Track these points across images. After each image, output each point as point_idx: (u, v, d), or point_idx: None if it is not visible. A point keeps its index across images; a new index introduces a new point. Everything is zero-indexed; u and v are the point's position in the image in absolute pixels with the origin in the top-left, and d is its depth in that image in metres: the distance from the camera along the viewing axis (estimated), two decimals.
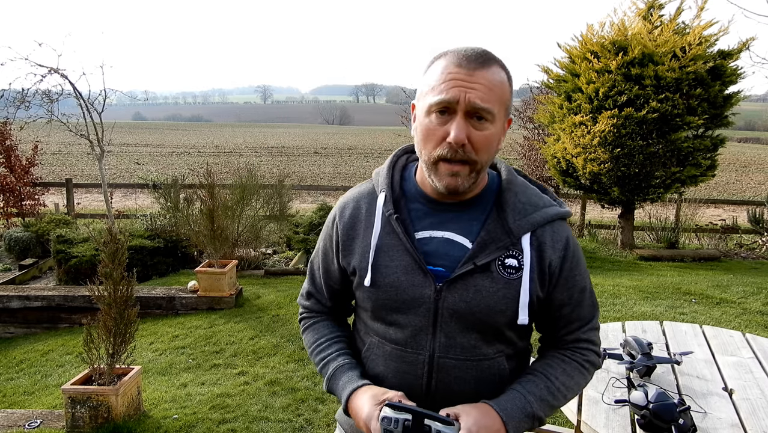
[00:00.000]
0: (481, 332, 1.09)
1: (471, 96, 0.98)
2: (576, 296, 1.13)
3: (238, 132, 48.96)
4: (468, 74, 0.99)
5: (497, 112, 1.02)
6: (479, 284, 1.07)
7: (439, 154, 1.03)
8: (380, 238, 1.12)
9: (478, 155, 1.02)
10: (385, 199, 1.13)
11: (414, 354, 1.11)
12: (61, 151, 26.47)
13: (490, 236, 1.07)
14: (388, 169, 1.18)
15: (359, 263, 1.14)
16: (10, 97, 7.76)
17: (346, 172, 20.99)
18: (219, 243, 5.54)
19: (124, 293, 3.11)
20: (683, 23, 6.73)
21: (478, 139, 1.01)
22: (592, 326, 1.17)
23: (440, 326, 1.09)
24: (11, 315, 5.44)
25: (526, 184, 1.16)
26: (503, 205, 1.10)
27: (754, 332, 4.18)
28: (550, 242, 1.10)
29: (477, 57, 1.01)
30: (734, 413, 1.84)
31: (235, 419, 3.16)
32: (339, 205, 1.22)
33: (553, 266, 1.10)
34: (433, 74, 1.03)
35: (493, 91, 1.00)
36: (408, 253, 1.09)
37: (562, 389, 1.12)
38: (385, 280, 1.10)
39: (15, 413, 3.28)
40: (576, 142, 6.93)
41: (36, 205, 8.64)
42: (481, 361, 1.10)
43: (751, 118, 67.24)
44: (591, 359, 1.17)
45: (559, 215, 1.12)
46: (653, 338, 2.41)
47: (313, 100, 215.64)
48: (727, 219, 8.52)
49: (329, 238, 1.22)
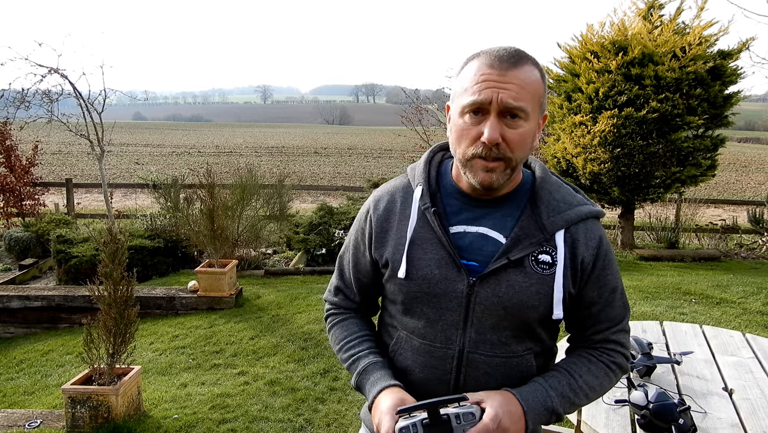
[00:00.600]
0: (511, 328, 1.10)
1: (503, 96, 1.00)
2: (606, 295, 1.13)
3: (238, 132, 48.96)
4: (500, 74, 1.00)
5: (531, 110, 1.03)
6: (512, 279, 1.07)
7: (473, 153, 1.04)
8: (415, 231, 1.12)
9: (513, 153, 1.03)
10: (422, 193, 1.14)
11: (443, 349, 1.11)
12: (61, 151, 26.47)
13: (523, 231, 1.08)
14: (425, 164, 1.19)
15: (392, 254, 1.14)
16: (10, 97, 7.76)
17: (346, 172, 20.98)
18: (219, 243, 5.54)
19: (124, 293, 3.11)
20: (683, 23, 6.73)
21: (512, 137, 1.02)
22: (622, 328, 1.17)
23: (471, 321, 1.09)
24: (11, 315, 5.44)
25: (559, 182, 1.17)
26: (537, 202, 1.10)
27: (754, 332, 4.18)
28: (584, 239, 1.11)
29: (509, 57, 1.02)
30: (734, 413, 1.84)
31: (235, 419, 3.16)
32: (373, 198, 1.23)
33: (585, 264, 1.10)
34: (467, 76, 1.04)
35: (525, 90, 1.01)
36: (442, 246, 1.10)
37: (585, 388, 1.11)
38: (418, 272, 1.10)
39: (15, 413, 3.28)
40: (576, 142, 6.93)
41: (36, 205, 8.64)
42: (510, 358, 1.11)
43: (751, 118, 67.22)
44: (618, 361, 1.16)
45: (592, 214, 1.13)
46: (653, 338, 2.41)
47: (313, 100, 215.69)
48: (727, 219, 8.52)
49: (361, 231, 1.22)
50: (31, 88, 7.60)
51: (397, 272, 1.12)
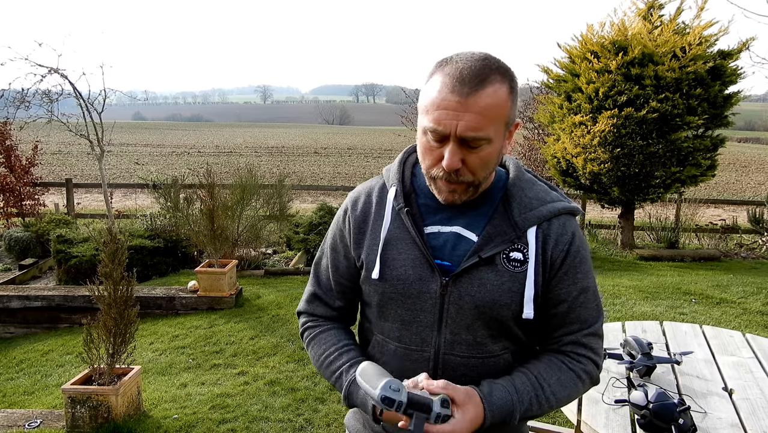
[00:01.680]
0: (486, 328, 1.08)
1: (462, 127, 0.97)
2: (576, 294, 1.10)
3: (238, 132, 48.96)
4: (460, 102, 0.96)
5: (494, 134, 1.00)
6: (484, 277, 1.06)
7: (435, 175, 1.04)
8: (389, 231, 1.12)
9: (475, 175, 1.03)
10: (395, 193, 1.13)
11: (419, 351, 1.10)
12: (61, 151, 26.47)
13: (495, 229, 1.08)
14: (399, 165, 1.18)
15: (367, 255, 1.14)
16: (10, 97, 7.77)
17: (346, 172, 20.99)
18: (219, 243, 5.54)
19: (124, 293, 3.11)
20: (683, 23, 6.73)
21: (473, 161, 1.01)
22: (594, 331, 1.13)
23: (446, 321, 1.08)
24: (11, 315, 5.44)
25: (533, 180, 1.16)
26: (510, 200, 1.10)
27: (754, 332, 4.18)
28: (555, 235, 1.09)
29: (471, 79, 0.97)
30: (734, 413, 1.84)
31: (235, 419, 3.16)
32: (351, 198, 1.22)
33: (555, 260, 1.09)
34: (430, 93, 1.01)
35: (487, 117, 0.98)
36: (416, 246, 1.09)
37: (551, 399, 1.09)
38: (392, 273, 1.10)
39: (15, 413, 3.28)
40: (576, 142, 6.93)
41: (36, 205, 8.64)
42: (487, 358, 1.10)
43: (751, 118, 67.22)
44: (589, 369, 1.12)
45: (566, 210, 1.12)
46: (653, 338, 2.41)
47: (313, 100, 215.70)
48: (727, 219, 8.52)
49: (340, 232, 1.21)
50: (31, 88, 7.62)
51: (371, 273, 1.11)
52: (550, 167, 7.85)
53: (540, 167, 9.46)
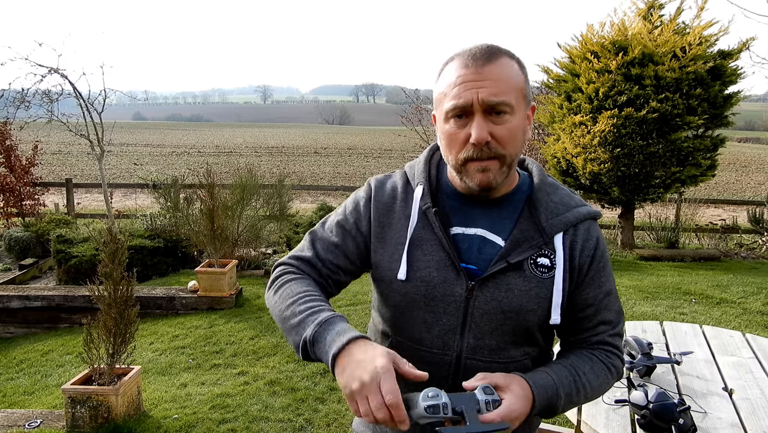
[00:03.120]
0: (510, 333, 1.07)
1: (483, 94, 0.98)
2: (602, 297, 1.11)
3: (238, 132, 48.96)
4: (476, 72, 0.98)
5: (515, 103, 1.00)
6: (511, 282, 1.05)
7: (465, 156, 1.02)
8: (415, 231, 1.09)
9: (506, 149, 1.01)
10: (422, 192, 1.11)
11: (440, 355, 1.08)
12: (61, 151, 26.47)
13: (523, 234, 1.06)
14: (425, 163, 1.15)
15: (392, 255, 1.10)
16: (10, 97, 7.77)
17: (346, 172, 20.98)
18: (219, 243, 5.54)
19: (124, 293, 3.11)
20: (683, 23, 6.73)
21: (501, 133, 1.00)
22: (617, 332, 1.14)
23: (470, 326, 1.06)
24: (11, 315, 5.44)
25: (557, 184, 1.15)
26: (536, 204, 1.08)
27: (754, 332, 4.18)
28: (582, 241, 1.09)
29: (483, 54, 1.00)
30: (734, 413, 1.84)
31: (235, 419, 3.16)
32: (374, 184, 1.16)
33: (582, 265, 1.08)
34: (444, 81, 1.03)
35: (505, 83, 0.99)
36: (442, 248, 1.06)
37: (587, 387, 1.08)
38: (417, 274, 1.07)
39: (15, 413, 3.28)
40: (576, 142, 6.93)
41: (36, 205, 8.64)
42: (508, 363, 1.08)
43: (751, 118, 67.23)
44: (616, 363, 1.13)
45: (590, 215, 1.11)
46: (653, 338, 2.41)
47: (313, 100, 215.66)
48: (727, 219, 8.52)
49: (357, 213, 1.14)
50: (31, 88, 7.62)
51: (396, 273, 1.08)
52: (550, 167, 7.85)
53: None
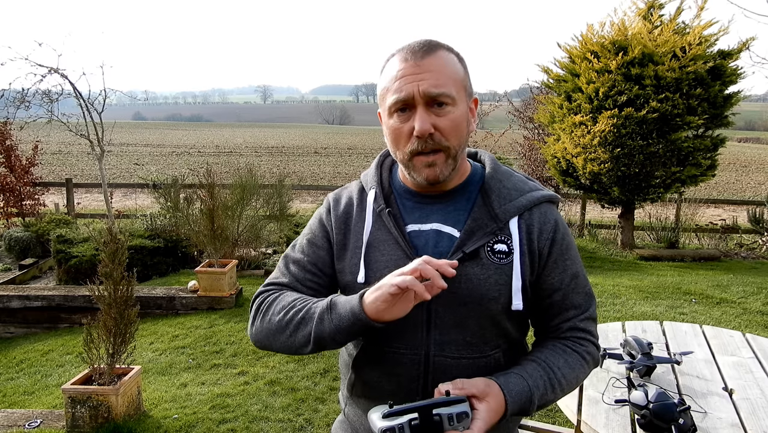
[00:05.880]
0: (476, 326, 1.07)
1: (423, 86, 0.99)
2: (568, 281, 1.10)
3: (238, 132, 48.96)
4: (416, 65, 1.00)
5: (456, 94, 1.02)
6: (470, 272, 1.05)
7: (410, 150, 1.03)
8: (371, 233, 1.11)
9: (449, 140, 1.02)
10: (375, 195, 1.14)
11: (409, 355, 1.07)
12: (61, 151, 26.47)
13: (476, 223, 1.07)
14: (376, 167, 1.19)
15: (351, 259, 1.12)
16: (10, 97, 7.76)
17: (346, 172, 20.98)
18: (219, 243, 5.54)
19: (124, 292, 3.11)
20: (683, 23, 6.73)
21: (443, 124, 1.01)
22: (589, 316, 1.13)
23: (434, 321, 1.06)
24: (11, 315, 5.44)
25: (510, 171, 1.16)
26: (488, 192, 1.09)
27: (754, 332, 4.18)
28: (538, 224, 1.09)
29: (421, 47, 1.02)
30: (734, 413, 1.84)
31: (235, 419, 3.16)
32: (332, 198, 1.21)
33: (542, 249, 1.08)
34: (386, 76, 1.05)
35: (445, 75, 1.01)
36: (399, 246, 1.08)
37: (563, 382, 1.08)
38: (375, 275, 1.07)
39: (15, 413, 3.28)
40: (576, 142, 6.93)
41: (36, 205, 8.64)
42: (477, 359, 1.08)
43: (751, 118, 67.22)
44: (591, 350, 1.12)
45: (546, 198, 1.11)
46: (653, 338, 2.41)
47: (313, 100, 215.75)
48: (727, 219, 8.52)
49: (323, 228, 1.18)
50: (31, 88, 7.61)
51: (356, 277, 1.09)
52: (550, 167, 7.86)
53: (540, 167, 9.46)
